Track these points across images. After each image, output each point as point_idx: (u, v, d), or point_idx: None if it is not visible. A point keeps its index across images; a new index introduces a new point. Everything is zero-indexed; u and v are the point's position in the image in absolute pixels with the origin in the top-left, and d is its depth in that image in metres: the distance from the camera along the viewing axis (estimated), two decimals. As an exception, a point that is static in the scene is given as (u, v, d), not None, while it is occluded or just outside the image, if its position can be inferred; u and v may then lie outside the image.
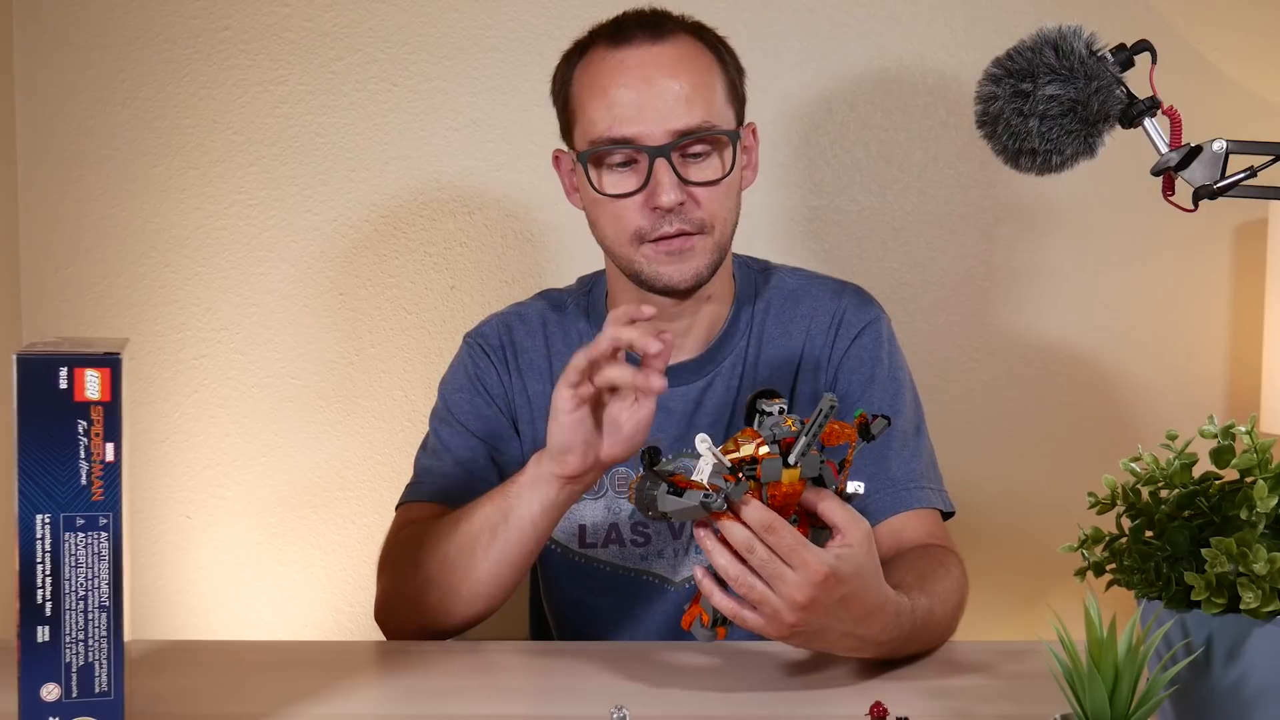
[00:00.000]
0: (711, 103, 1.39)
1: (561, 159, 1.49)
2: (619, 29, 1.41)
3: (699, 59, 1.40)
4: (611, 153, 1.38)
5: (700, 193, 1.38)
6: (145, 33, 2.01)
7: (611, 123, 1.37)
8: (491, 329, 1.55)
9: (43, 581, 0.99)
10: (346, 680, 1.24)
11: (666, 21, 1.42)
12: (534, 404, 1.50)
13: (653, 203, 1.37)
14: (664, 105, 1.36)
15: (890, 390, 1.47)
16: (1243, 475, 0.94)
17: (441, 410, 1.52)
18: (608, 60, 1.40)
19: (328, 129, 2.02)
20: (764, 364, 1.49)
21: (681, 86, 1.37)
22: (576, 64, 1.44)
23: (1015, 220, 2.05)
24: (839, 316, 1.50)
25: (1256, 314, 2.01)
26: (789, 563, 1.09)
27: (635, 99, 1.36)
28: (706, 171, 1.39)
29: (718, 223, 1.41)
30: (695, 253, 1.40)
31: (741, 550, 1.09)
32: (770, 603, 1.10)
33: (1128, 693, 0.85)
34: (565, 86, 1.45)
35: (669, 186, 1.36)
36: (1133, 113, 1.16)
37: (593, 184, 1.40)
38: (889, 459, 1.43)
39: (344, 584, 2.05)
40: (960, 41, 2.02)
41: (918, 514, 1.42)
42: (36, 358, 0.97)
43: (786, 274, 1.55)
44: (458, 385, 1.52)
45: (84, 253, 2.03)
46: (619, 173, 1.39)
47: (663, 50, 1.39)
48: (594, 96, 1.39)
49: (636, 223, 1.39)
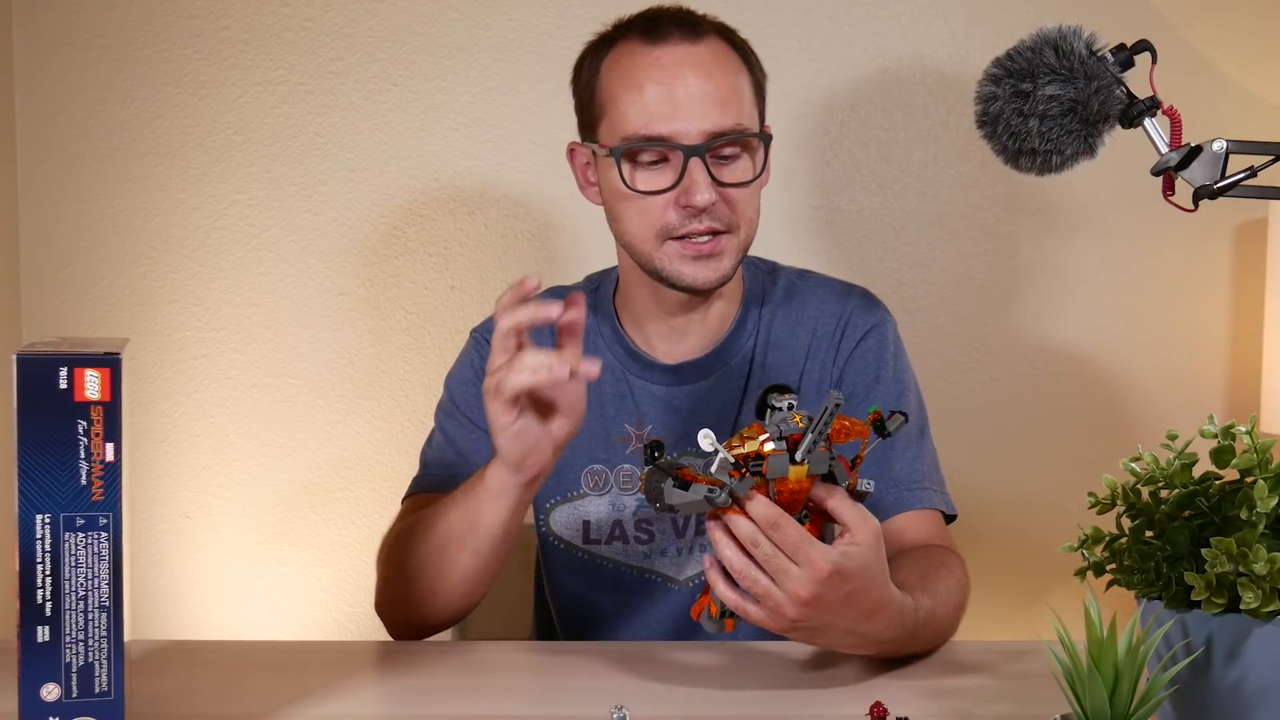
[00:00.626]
0: (742, 105, 1.40)
1: (577, 152, 1.48)
2: (654, 25, 1.40)
3: (731, 61, 1.41)
4: (645, 150, 1.38)
5: (731, 193, 1.39)
6: (145, 33, 2.01)
7: (647, 120, 1.37)
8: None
9: (43, 581, 0.99)
10: (346, 680, 1.24)
11: (700, 22, 1.42)
12: None
13: (685, 201, 1.37)
14: (699, 106, 1.36)
15: (895, 392, 1.47)
16: (1243, 475, 0.94)
17: (447, 404, 1.52)
18: (643, 56, 1.39)
19: (328, 129, 2.02)
20: (770, 364, 1.49)
21: (716, 88, 1.37)
22: (606, 56, 1.42)
23: (1015, 220, 2.05)
24: (845, 318, 1.50)
25: (1256, 314, 2.01)
26: (794, 559, 1.09)
27: (670, 97, 1.36)
28: (738, 173, 1.40)
29: (744, 223, 1.41)
30: (723, 254, 1.40)
31: (746, 544, 1.09)
32: (773, 597, 1.10)
33: (1128, 693, 0.85)
34: (593, 79, 1.43)
35: (704, 186, 1.36)
36: (1133, 113, 1.16)
37: (624, 179, 1.39)
38: (892, 460, 1.44)
39: (344, 584, 2.05)
40: (960, 41, 2.02)
41: (920, 515, 1.43)
42: (36, 358, 0.97)
43: (793, 275, 1.55)
44: (463, 379, 1.52)
45: (84, 253, 2.03)
46: (650, 170, 1.39)
47: (698, 50, 1.39)
48: (628, 92, 1.38)
49: (664, 219, 1.39)
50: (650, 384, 1.49)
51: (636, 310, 1.50)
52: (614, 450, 1.48)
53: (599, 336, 1.51)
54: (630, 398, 1.49)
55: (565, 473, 1.49)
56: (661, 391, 1.49)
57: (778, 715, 1.15)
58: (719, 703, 1.17)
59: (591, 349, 1.51)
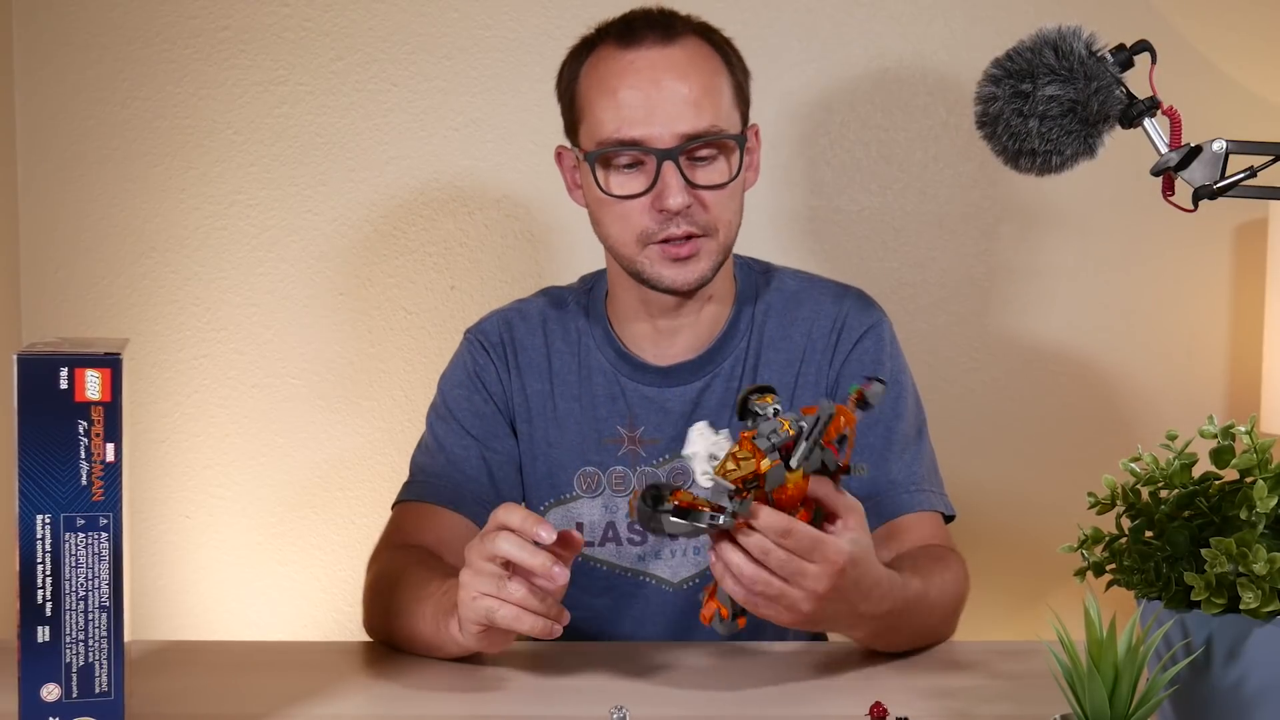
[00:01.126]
0: (719, 106, 1.39)
1: (564, 155, 1.49)
2: (628, 28, 1.41)
3: (707, 61, 1.41)
4: (619, 154, 1.38)
5: (707, 196, 1.39)
6: (145, 33, 2.01)
7: (620, 124, 1.37)
8: (492, 325, 1.55)
9: (43, 582, 0.99)
10: (347, 680, 1.24)
11: (676, 23, 1.42)
12: (531, 403, 1.50)
13: (660, 205, 1.37)
14: (672, 108, 1.36)
15: (892, 394, 1.47)
16: (1243, 475, 0.94)
17: (440, 406, 1.52)
18: (617, 61, 1.39)
19: (328, 129, 2.02)
20: (764, 365, 1.49)
21: (690, 90, 1.37)
22: (584, 61, 1.43)
23: (1015, 220, 2.05)
24: (841, 320, 1.50)
25: (1256, 314, 2.01)
26: (809, 559, 1.10)
27: (644, 101, 1.37)
28: (713, 175, 1.39)
29: (722, 225, 1.41)
30: (700, 256, 1.40)
31: (757, 555, 1.09)
32: (788, 595, 1.11)
33: (1128, 693, 0.85)
34: (572, 84, 1.44)
35: (677, 189, 1.36)
36: (1133, 113, 1.16)
37: (599, 184, 1.40)
38: (890, 462, 1.44)
39: (344, 584, 2.05)
40: (960, 41, 2.02)
41: (918, 516, 1.43)
42: (36, 358, 0.98)
43: (788, 276, 1.55)
44: (456, 381, 1.52)
45: (84, 253, 2.03)
46: (626, 174, 1.40)
47: (672, 52, 1.39)
48: (602, 97, 1.39)
49: (642, 224, 1.39)
50: (642, 386, 1.49)
51: (625, 313, 1.50)
52: (606, 452, 1.48)
53: (590, 339, 1.51)
54: (622, 399, 1.49)
55: (558, 475, 1.49)
56: (654, 393, 1.49)
57: (778, 715, 1.15)
58: (719, 703, 1.17)
59: (584, 351, 1.51)
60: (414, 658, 1.31)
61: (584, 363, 1.51)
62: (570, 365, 1.51)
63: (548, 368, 1.51)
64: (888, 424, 1.45)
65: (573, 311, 1.54)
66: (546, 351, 1.52)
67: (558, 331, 1.53)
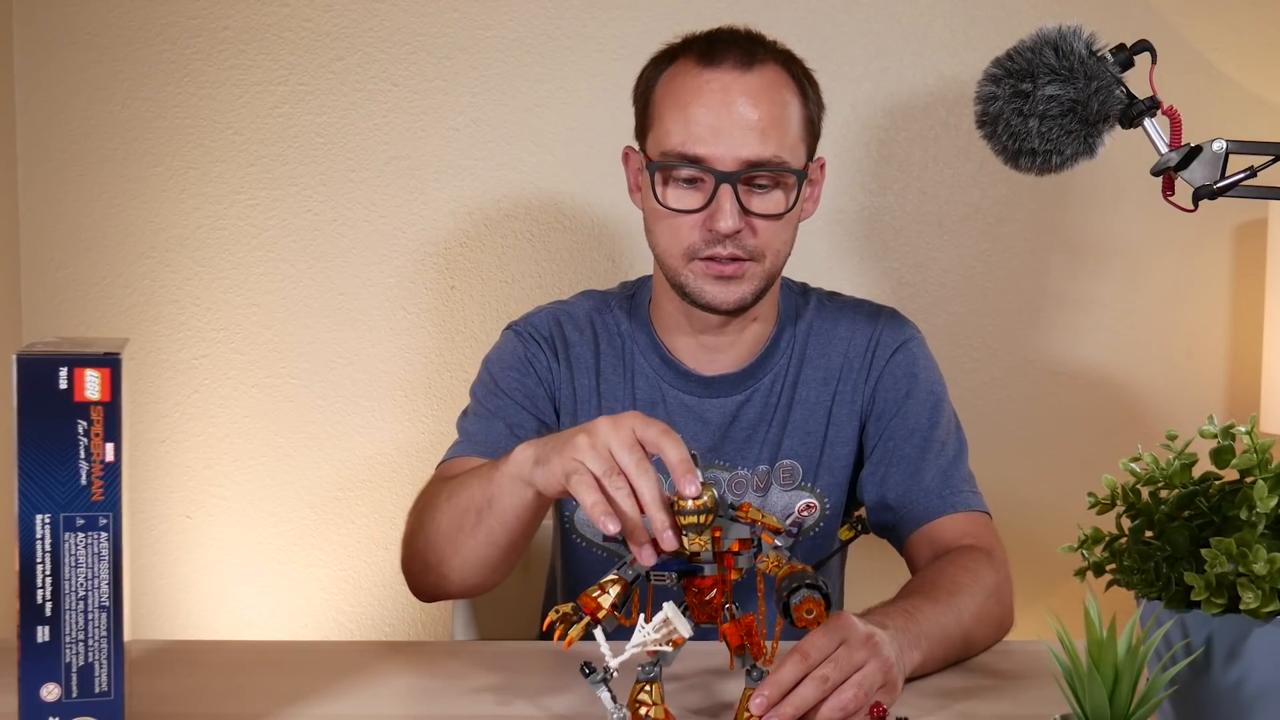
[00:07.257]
0: (785, 136, 1.40)
1: (630, 157, 1.50)
2: (711, 47, 1.42)
3: (782, 92, 1.42)
4: (680, 168, 1.40)
5: (759, 223, 1.40)
6: (145, 33, 2.01)
7: (685, 139, 1.38)
8: (541, 320, 1.55)
9: (43, 581, 0.99)
10: (346, 680, 1.24)
11: (759, 49, 1.42)
12: (578, 397, 1.51)
13: (711, 225, 1.39)
14: (739, 133, 1.37)
15: (929, 404, 1.49)
16: (1243, 475, 0.94)
17: (489, 383, 1.52)
18: (695, 78, 1.40)
19: (328, 129, 2.02)
20: (803, 383, 1.51)
21: (760, 117, 1.38)
22: (664, 71, 1.45)
23: (1015, 221, 2.05)
24: (875, 337, 1.52)
25: (1256, 314, 2.01)
26: (856, 666, 1.07)
27: (713, 121, 1.38)
28: (768, 204, 1.41)
29: (770, 253, 1.42)
30: (744, 279, 1.42)
31: (823, 690, 1.06)
32: (867, 681, 1.08)
33: (1128, 693, 0.85)
34: (648, 91, 1.46)
35: (729, 213, 1.37)
36: (1133, 113, 1.16)
37: (656, 194, 1.42)
38: (924, 470, 1.46)
39: (344, 584, 2.05)
40: (960, 41, 2.02)
41: (953, 517, 1.44)
42: (36, 358, 0.97)
43: (824, 296, 1.58)
44: (508, 364, 1.52)
45: (84, 253, 2.03)
46: (684, 189, 1.41)
47: (749, 79, 1.39)
48: (673, 110, 1.40)
49: (690, 239, 1.41)
50: (684, 394, 1.51)
51: (669, 324, 1.52)
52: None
53: (634, 343, 1.53)
54: (662, 405, 1.50)
55: None
56: (694, 402, 1.50)
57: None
58: (720, 703, 1.17)
59: (628, 355, 1.52)
60: (414, 658, 1.31)
61: (629, 365, 1.52)
62: (615, 367, 1.52)
63: (595, 366, 1.52)
64: (924, 433, 1.47)
65: (616, 314, 1.55)
66: (595, 350, 1.53)
67: (603, 333, 1.54)
